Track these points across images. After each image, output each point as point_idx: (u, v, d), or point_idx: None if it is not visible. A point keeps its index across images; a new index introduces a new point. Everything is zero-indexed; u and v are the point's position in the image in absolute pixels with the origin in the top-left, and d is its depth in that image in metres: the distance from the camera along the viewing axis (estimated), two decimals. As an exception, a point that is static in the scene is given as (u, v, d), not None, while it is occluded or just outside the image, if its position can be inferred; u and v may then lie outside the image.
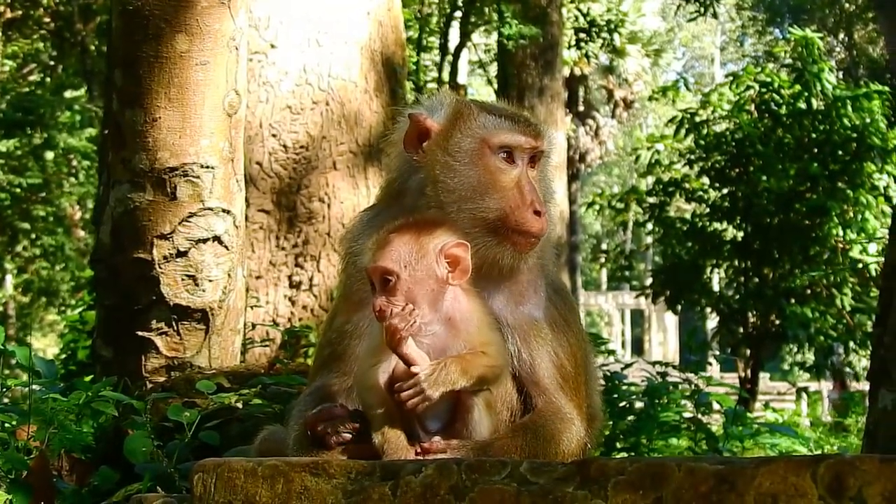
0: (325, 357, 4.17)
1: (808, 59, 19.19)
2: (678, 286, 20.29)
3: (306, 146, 11.61)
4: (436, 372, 3.53)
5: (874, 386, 5.68)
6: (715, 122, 20.19)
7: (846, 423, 18.59)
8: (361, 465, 3.21)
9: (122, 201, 6.77)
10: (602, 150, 47.15)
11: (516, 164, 3.98)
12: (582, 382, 4.10)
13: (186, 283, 6.71)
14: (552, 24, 27.80)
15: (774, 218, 18.88)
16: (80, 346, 14.78)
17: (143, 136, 6.64)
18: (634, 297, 30.16)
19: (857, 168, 18.57)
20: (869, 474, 2.77)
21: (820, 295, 18.79)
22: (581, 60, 40.98)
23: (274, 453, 3.96)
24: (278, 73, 11.72)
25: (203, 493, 3.27)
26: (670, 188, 20.53)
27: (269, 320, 11.30)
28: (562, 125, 29.40)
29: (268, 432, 4.27)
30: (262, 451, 4.07)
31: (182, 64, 6.61)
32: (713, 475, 2.89)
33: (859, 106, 18.70)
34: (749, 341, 19.60)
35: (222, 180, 6.79)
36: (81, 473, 5.21)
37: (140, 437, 5.15)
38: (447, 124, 4.05)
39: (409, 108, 4.21)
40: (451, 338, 3.68)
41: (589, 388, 4.21)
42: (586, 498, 2.97)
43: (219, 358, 6.86)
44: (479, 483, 3.06)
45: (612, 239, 62.71)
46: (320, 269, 11.59)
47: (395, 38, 12.48)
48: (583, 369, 4.13)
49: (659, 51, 53.93)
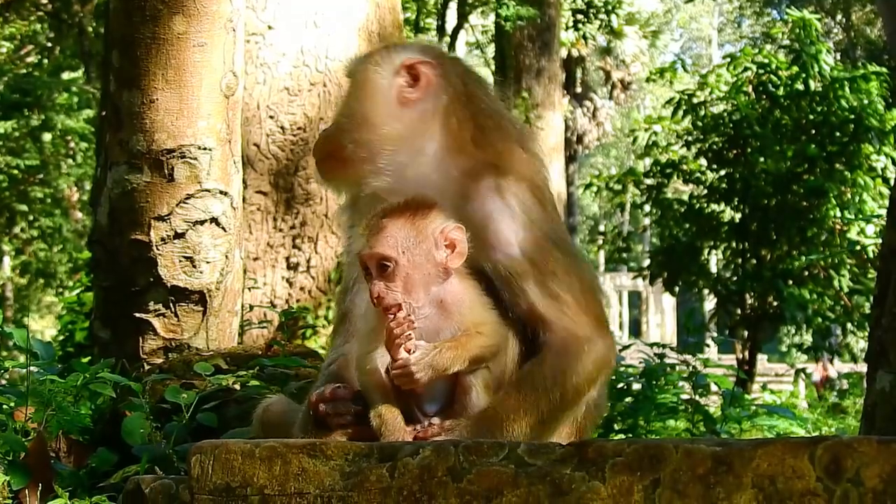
0: (337, 323, 4.19)
1: (806, 41, 19.15)
2: (676, 268, 20.27)
3: (304, 128, 11.60)
4: (427, 356, 3.54)
5: (872, 367, 5.68)
6: (712, 104, 20.16)
7: (844, 405, 18.60)
8: (359, 447, 3.21)
9: (120, 183, 6.77)
10: (599, 131, 47.09)
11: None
12: (588, 299, 3.97)
13: (184, 265, 6.71)
14: (549, 5, 27.79)
15: (772, 199, 18.86)
16: (78, 328, 14.78)
17: (141, 118, 6.64)
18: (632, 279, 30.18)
19: (855, 149, 18.55)
20: (867, 456, 2.77)
21: (818, 276, 18.79)
22: (578, 42, 41.03)
23: (276, 424, 3.97)
24: (276, 54, 11.70)
25: (200, 474, 3.27)
26: (668, 170, 20.50)
27: (266, 302, 11.30)
28: (559, 107, 29.42)
29: (270, 401, 4.24)
30: (265, 421, 4.08)
31: (179, 45, 6.60)
32: (711, 457, 2.89)
33: (857, 87, 18.67)
34: (747, 323, 19.59)
35: (220, 162, 6.78)
36: (79, 455, 5.21)
37: (138, 418, 5.15)
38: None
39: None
40: (443, 320, 3.68)
41: (596, 305, 4.03)
42: (584, 479, 2.98)
43: (216, 339, 6.86)
44: (477, 465, 3.07)
45: (609, 220, 62.66)
46: (318, 250, 11.59)
47: (392, 19, 12.46)
48: (585, 286, 3.99)
49: (656, 32, 53.96)
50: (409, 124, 3.98)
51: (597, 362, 3.87)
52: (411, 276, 3.63)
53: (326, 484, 3.17)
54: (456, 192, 3.91)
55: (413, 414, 3.66)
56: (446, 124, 4.00)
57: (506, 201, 3.91)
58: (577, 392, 3.83)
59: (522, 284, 3.86)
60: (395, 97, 4.00)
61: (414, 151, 3.97)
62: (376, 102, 4.02)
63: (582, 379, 3.83)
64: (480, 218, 3.88)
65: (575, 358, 3.82)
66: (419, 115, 3.98)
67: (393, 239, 3.62)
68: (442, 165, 3.98)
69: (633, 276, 24.90)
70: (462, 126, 4.00)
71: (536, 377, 3.77)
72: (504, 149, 4.02)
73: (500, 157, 3.99)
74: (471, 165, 3.95)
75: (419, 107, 3.99)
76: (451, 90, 4.04)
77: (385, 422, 3.58)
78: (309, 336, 11.47)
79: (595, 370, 3.87)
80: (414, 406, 3.66)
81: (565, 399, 3.79)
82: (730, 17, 74.19)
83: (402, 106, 3.99)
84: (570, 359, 3.82)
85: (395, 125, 3.98)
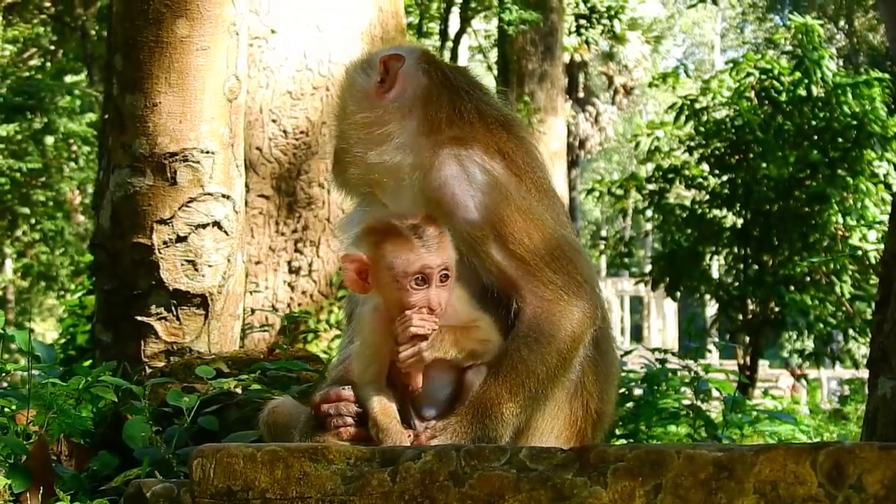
0: (345, 325, 4.28)
1: (809, 47, 19.12)
2: (677, 273, 20.24)
3: (306, 131, 11.61)
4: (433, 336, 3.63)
5: (873, 373, 5.67)
6: (715, 109, 20.13)
7: (845, 411, 18.58)
8: (361, 451, 3.22)
9: (122, 186, 6.77)
10: (602, 136, 47.15)
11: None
12: (553, 248, 3.97)
13: (186, 269, 6.71)
14: (552, 9, 27.79)
15: (774, 205, 18.84)
16: (80, 331, 14.78)
17: (144, 121, 6.64)
18: (634, 284, 30.18)
19: (857, 155, 18.52)
20: (868, 462, 2.77)
21: (819, 282, 18.77)
22: (581, 47, 41.03)
23: (283, 424, 3.99)
24: (279, 58, 11.71)
25: (202, 477, 3.27)
26: (670, 175, 20.48)
27: (268, 306, 11.31)
28: (561, 111, 29.41)
29: (276, 403, 4.27)
30: (270, 423, 4.11)
31: (182, 49, 6.61)
32: (712, 462, 2.90)
33: (859, 93, 18.65)
34: (748, 328, 19.57)
35: (222, 165, 6.79)
36: (80, 458, 5.21)
37: (139, 422, 5.15)
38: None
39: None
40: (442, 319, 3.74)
41: (566, 251, 4.01)
42: (585, 484, 2.98)
43: (218, 343, 6.86)
44: (479, 469, 3.07)
45: (611, 225, 62.63)
46: (320, 254, 11.60)
47: (395, 23, 12.47)
48: (546, 233, 3.99)
49: (659, 37, 54.02)
50: (381, 114, 4.14)
51: (575, 325, 3.87)
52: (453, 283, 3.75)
53: (328, 488, 3.17)
54: (422, 165, 4.01)
55: (410, 420, 3.71)
56: (423, 110, 4.13)
57: (463, 167, 3.97)
58: (562, 359, 3.84)
59: (486, 248, 3.90)
60: (371, 91, 4.19)
61: (386, 136, 4.11)
62: (355, 99, 4.24)
63: (563, 345, 3.84)
64: (438, 185, 3.96)
65: (550, 325, 3.84)
66: (393, 104, 4.14)
67: (450, 249, 3.75)
68: (415, 146, 4.08)
69: (635, 281, 24.85)
70: (439, 110, 4.12)
71: (514, 356, 3.78)
72: (478, 126, 4.11)
73: (468, 132, 4.07)
74: (439, 140, 4.04)
75: (392, 96, 4.15)
76: (426, 80, 4.18)
77: (382, 428, 3.60)
78: (311, 340, 11.48)
79: (574, 334, 3.87)
80: (412, 411, 3.69)
81: (550, 369, 3.81)
82: (732, 22, 74.20)
83: (377, 98, 4.17)
84: (544, 327, 3.84)
85: (369, 115, 4.15)
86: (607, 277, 56.51)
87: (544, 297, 3.87)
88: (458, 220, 3.90)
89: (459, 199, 3.93)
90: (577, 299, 3.90)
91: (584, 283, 3.97)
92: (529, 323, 3.83)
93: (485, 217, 3.91)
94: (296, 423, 3.93)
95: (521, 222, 3.94)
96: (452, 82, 4.21)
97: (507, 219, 3.92)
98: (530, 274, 3.88)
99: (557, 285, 3.89)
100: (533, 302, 3.86)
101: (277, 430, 4.01)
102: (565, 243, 4.04)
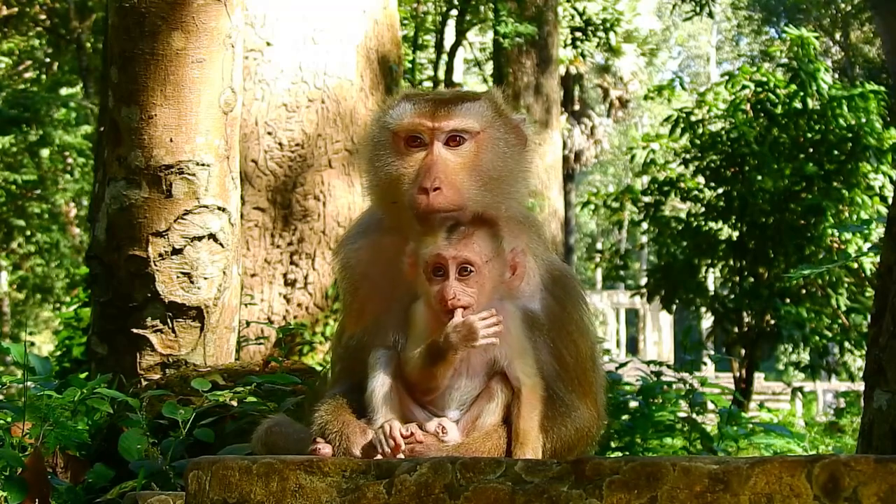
0: (337, 373, 4.23)
1: (804, 59, 19.15)
2: (673, 285, 20.24)
3: (302, 144, 11.62)
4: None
5: (869, 386, 5.67)
6: (710, 122, 20.14)
7: (841, 424, 18.57)
8: (356, 464, 3.21)
9: (118, 198, 6.77)
10: (597, 149, 47.13)
11: (426, 146, 3.97)
12: (587, 370, 4.09)
13: (181, 281, 6.71)
14: (548, 22, 27.78)
15: (770, 217, 18.85)
16: (75, 343, 14.77)
17: (139, 134, 6.65)
18: (629, 297, 30.13)
19: (853, 168, 18.54)
20: (864, 474, 2.77)
21: (815, 295, 18.77)
22: (576, 59, 40.99)
23: (282, 446, 3.98)
24: (274, 70, 11.72)
25: (198, 490, 3.27)
26: (665, 187, 20.49)
27: (263, 318, 11.31)
28: (557, 124, 29.40)
29: (273, 422, 4.25)
30: (269, 444, 4.08)
31: (178, 61, 6.61)
32: (708, 475, 2.89)
33: (855, 106, 18.66)
34: (744, 341, 19.56)
35: (218, 178, 6.79)
36: (76, 470, 5.21)
37: (135, 434, 5.15)
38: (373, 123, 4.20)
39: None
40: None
41: (594, 379, 4.15)
42: (581, 497, 2.98)
43: (213, 355, 6.86)
44: (474, 482, 3.07)
45: (607, 238, 62.67)
46: (315, 266, 11.60)
47: (390, 36, 12.49)
48: (586, 359, 4.10)
49: (654, 50, 54.02)
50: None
51: (579, 430, 3.98)
52: (484, 284, 3.81)
53: (323, 500, 3.17)
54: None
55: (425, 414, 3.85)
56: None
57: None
58: (560, 449, 3.91)
59: (533, 337, 4.01)
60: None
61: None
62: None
63: (572, 435, 3.94)
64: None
65: (562, 415, 3.94)
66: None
67: (479, 246, 3.81)
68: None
69: (631, 293, 24.90)
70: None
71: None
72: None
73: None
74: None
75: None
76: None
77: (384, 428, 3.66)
78: (306, 352, 11.47)
79: (575, 436, 3.96)
80: (435, 412, 3.83)
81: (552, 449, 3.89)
82: (728, 35, 74.24)
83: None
84: (559, 413, 3.92)
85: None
86: (603, 290, 56.46)
87: (560, 399, 3.97)
88: (521, 305, 4.03)
89: (529, 291, 4.07)
90: (587, 416, 4.04)
91: (601, 413, 4.19)
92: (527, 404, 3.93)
93: (549, 314, 4.09)
94: (294, 445, 3.92)
95: (575, 329, 4.13)
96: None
97: (567, 323, 4.12)
98: (560, 376, 4.03)
99: (582, 396, 4.06)
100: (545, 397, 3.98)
101: (276, 452, 3.96)
102: (599, 364, 4.25)
